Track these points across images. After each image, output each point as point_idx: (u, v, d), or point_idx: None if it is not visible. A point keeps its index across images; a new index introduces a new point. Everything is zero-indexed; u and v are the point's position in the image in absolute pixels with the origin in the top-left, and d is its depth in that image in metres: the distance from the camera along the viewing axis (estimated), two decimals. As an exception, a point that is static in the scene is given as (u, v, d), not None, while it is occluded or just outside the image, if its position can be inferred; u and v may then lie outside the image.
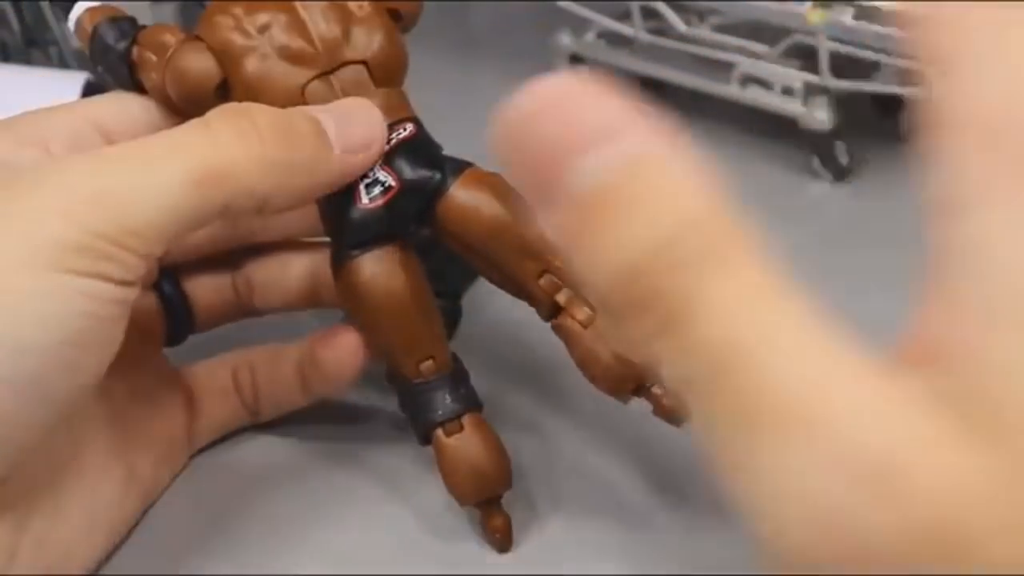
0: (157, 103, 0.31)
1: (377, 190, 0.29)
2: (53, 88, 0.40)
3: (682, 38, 0.50)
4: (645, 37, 0.51)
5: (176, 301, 0.34)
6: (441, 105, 0.34)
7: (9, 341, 0.25)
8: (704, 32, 0.50)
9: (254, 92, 0.29)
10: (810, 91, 0.47)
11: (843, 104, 0.47)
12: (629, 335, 0.17)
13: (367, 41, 0.30)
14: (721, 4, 0.49)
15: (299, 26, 0.30)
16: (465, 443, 0.29)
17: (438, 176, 0.30)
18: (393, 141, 0.30)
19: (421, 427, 0.30)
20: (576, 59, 0.53)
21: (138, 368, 0.32)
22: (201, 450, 0.34)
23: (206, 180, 0.26)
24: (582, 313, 0.29)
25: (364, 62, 0.30)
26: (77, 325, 0.25)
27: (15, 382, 0.25)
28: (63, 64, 0.48)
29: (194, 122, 0.28)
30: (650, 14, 0.50)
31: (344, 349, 0.32)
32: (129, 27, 0.32)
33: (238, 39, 0.30)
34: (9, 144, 0.30)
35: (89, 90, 0.40)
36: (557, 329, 0.30)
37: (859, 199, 0.47)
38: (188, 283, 0.34)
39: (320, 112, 0.29)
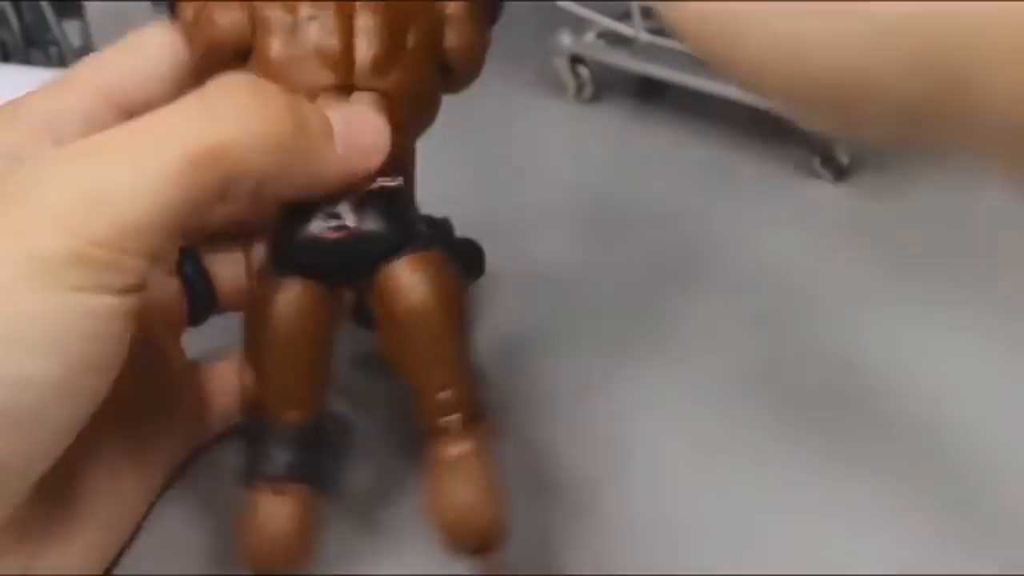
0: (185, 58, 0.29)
1: (333, 223, 0.27)
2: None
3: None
4: (645, 37, 0.51)
5: (197, 281, 0.33)
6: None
7: (8, 372, 0.22)
8: (704, 32, 0.50)
9: (271, 75, 0.28)
10: (810, 91, 0.47)
11: (843, 104, 0.47)
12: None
13: (402, 78, 0.28)
14: (721, 4, 0.49)
15: (345, 34, 0.28)
16: (270, 510, 0.27)
17: (395, 240, 0.28)
18: (376, 185, 0.28)
19: (247, 471, 0.28)
20: (576, 59, 0.53)
21: (155, 359, 0.32)
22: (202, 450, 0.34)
23: (202, 160, 0.24)
24: (457, 448, 0.27)
25: (388, 94, 0.28)
26: (79, 348, 0.23)
27: (14, 417, 0.23)
28: (63, 64, 0.48)
29: (188, 97, 0.25)
30: (650, 14, 0.50)
31: None
32: None
33: (279, 15, 0.28)
34: (21, 135, 0.28)
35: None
36: (426, 451, 0.27)
37: (859, 199, 0.47)
38: (210, 262, 0.33)
39: (328, 108, 0.27)
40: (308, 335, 0.28)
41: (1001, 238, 0.44)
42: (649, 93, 0.54)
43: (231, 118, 0.25)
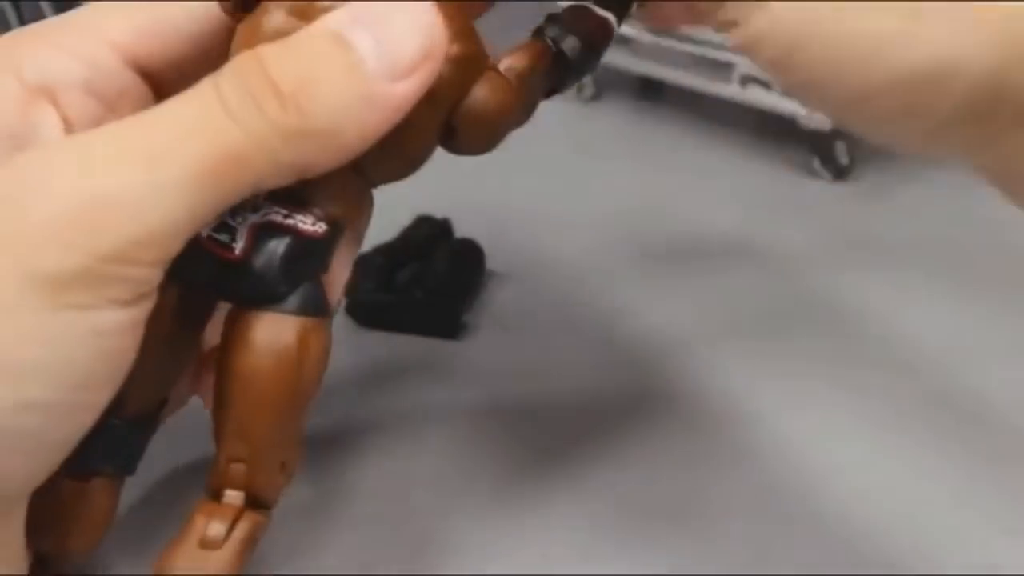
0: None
1: (224, 238, 0.23)
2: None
3: (682, 38, 0.50)
4: (645, 37, 0.51)
5: None
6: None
7: (9, 398, 0.21)
8: (704, 32, 0.50)
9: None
10: (810, 91, 0.47)
11: (843, 104, 0.47)
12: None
13: None
14: (721, 4, 0.49)
15: None
16: (76, 501, 0.25)
17: (276, 293, 0.24)
18: (291, 222, 0.24)
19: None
20: (576, 59, 0.53)
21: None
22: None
23: (222, 167, 0.22)
24: (216, 529, 0.24)
25: None
26: (86, 368, 0.22)
27: (12, 441, 0.21)
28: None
29: (204, 90, 0.22)
30: (650, 14, 0.50)
31: None
32: None
33: None
34: (14, 96, 0.24)
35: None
36: (194, 504, 0.25)
37: (859, 199, 0.47)
38: None
39: (350, 23, 0.22)
40: (148, 337, 0.23)
41: (1000, 237, 0.44)
42: (649, 93, 0.54)
43: (249, 114, 0.22)
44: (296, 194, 0.24)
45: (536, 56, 0.25)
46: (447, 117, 0.24)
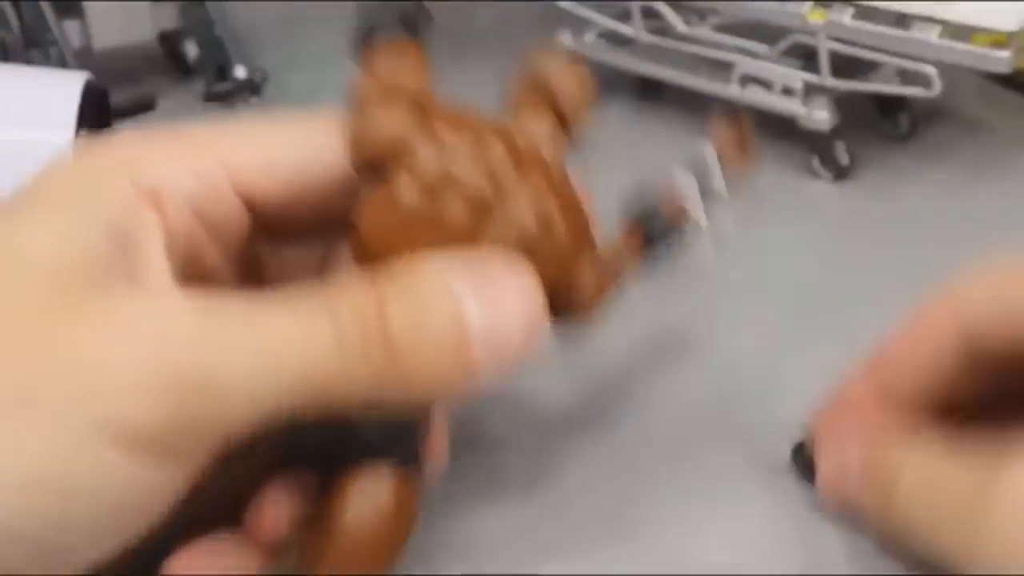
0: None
1: None
2: (53, 88, 0.40)
3: (682, 38, 0.50)
4: (645, 37, 0.51)
5: None
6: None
7: (54, 518, 0.21)
8: (704, 32, 0.50)
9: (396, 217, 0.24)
10: (810, 91, 0.47)
11: (843, 104, 0.47)
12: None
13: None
14: (721, 4, 0.49)
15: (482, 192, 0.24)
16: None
17: (382, 450, 0.25)
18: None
19: None
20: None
21: None
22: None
23: (311, 389, 0.22)
24: None
25: None
26: (130, 513, 0.22)
27: (44, 557, 0.21)
28: (63, 64, 0.48)
29: (320, 310, 0.22)
30: (650, 14, 0.50)
31: None
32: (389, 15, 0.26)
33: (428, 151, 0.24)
34: (125, 196, 0.24)
35: (89, 91, 0.39)
36: None
37: (859, 199, 0.47)
38: None
39: (461, 283, 0.22)
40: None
41: (1000, 237, 0.44)
42: (649, 93, 0.54)
43: (354, 356, 0.22)
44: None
45: (633, 247, 0.28)
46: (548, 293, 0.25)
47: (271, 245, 0.28)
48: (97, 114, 0.40)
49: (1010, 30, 0.41)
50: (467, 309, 0.22)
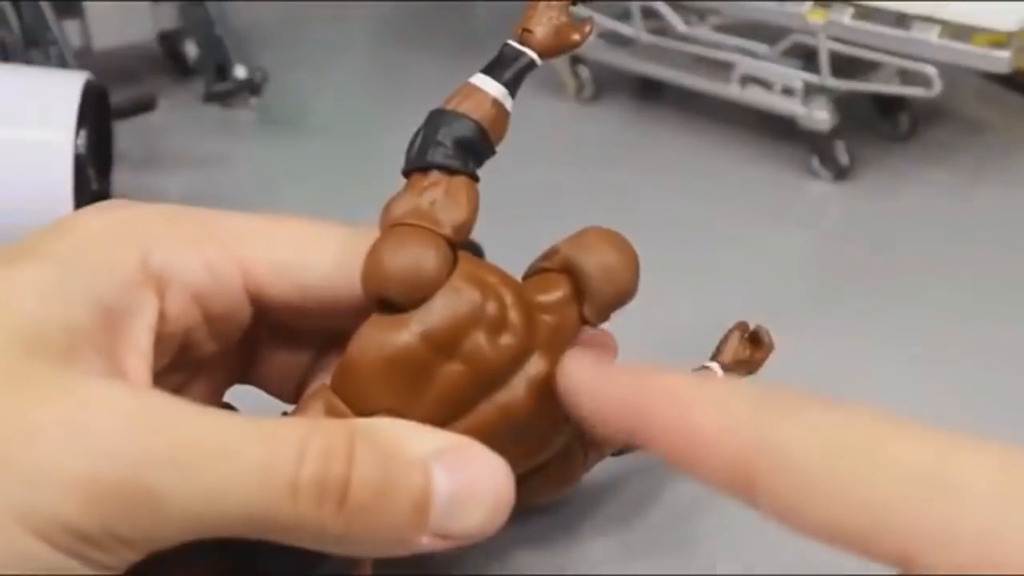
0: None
1: None
2: (53, 88, 0.40)
3: (682, 38, 0.50)
4: (645, 37, 0.51)
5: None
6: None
7: None
8: (704, 32, 0.50)
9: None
10: (810, 91, 0.47)
11: (843, 104, 0.47)
12: None
13: None
14: (721, 4, 0.49)
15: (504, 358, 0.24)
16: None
17: None
18: None
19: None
20: (576, 59, 0.53)
21: None
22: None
23: (253, 525, 0.21)
24: None
25: None
26: None
27: None
28: (63, 64, 0.48)
29: (285, 444, 0.21)
30: (650, 14, 0.50)
31: None
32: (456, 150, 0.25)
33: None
34: (128, 271, 0.23)
35: (89, 91, 0.40)
36: None
37: (859, 199, 0.47)
38: None
39: (438, 464, 0.22)
40: None
41: (999, 237, 0.44)
42: (649, 93, 0.54)
43: (307, 505, 0.21)
44: None
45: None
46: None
47: (268, 342, 0.28)
48: (97, 114, 0.40)
49: (1010, 30, 0.41)
50: (435, 485, 0.21)
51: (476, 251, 0.39)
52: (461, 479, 0.22)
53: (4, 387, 0.21)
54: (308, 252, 0.25)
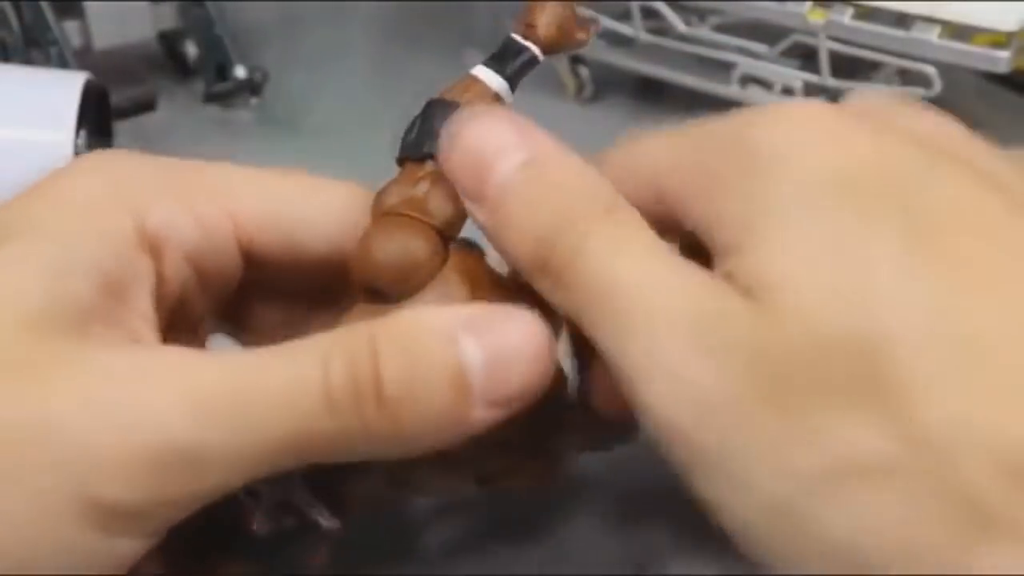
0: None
1: (249, 501, 0.23)
2: (53, 88, 0.40)
3: (682, 38, 0.50)
4: (645, 37, 0.51)
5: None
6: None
7: None
8: (704, 32, 0.50)
9: None
10: (810, 91, 0.47)
11: (843, 104, 0.47)
12: (541, 291, 0.22)
13: None
14: (721, 4, 0.49)
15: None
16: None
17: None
18: (313, 513, 0.24)
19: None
20: (576, 59, 0.53)
21: None
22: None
23: (299, 446, 0.21)
24: None
25: None
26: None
27: None
28: (63, 64, 0.48)
29: (310, 362, 0.21)
30: (650, 14, 0.50)
31: None
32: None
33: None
34: (123, 236, 0.23)
35: (89, 91, 0.40)
36: None
37: (859, 199, 0.46)
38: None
39: (464, 334, 0.21)
40: None
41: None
42: (649, 93, 0.54)
43: (348, 414, 0.21)
44: (331, 475, 0.23)
45: None
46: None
47: (258, 299, 0.27)
48: (97, 114, 0.40)
49: (1010, 30, 0.41)
50: (465, 353, 0.21)
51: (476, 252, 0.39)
52: (492, 341, 0.21)
53: (22, 373, 0.20)
54: (307, 206, 0.25)
